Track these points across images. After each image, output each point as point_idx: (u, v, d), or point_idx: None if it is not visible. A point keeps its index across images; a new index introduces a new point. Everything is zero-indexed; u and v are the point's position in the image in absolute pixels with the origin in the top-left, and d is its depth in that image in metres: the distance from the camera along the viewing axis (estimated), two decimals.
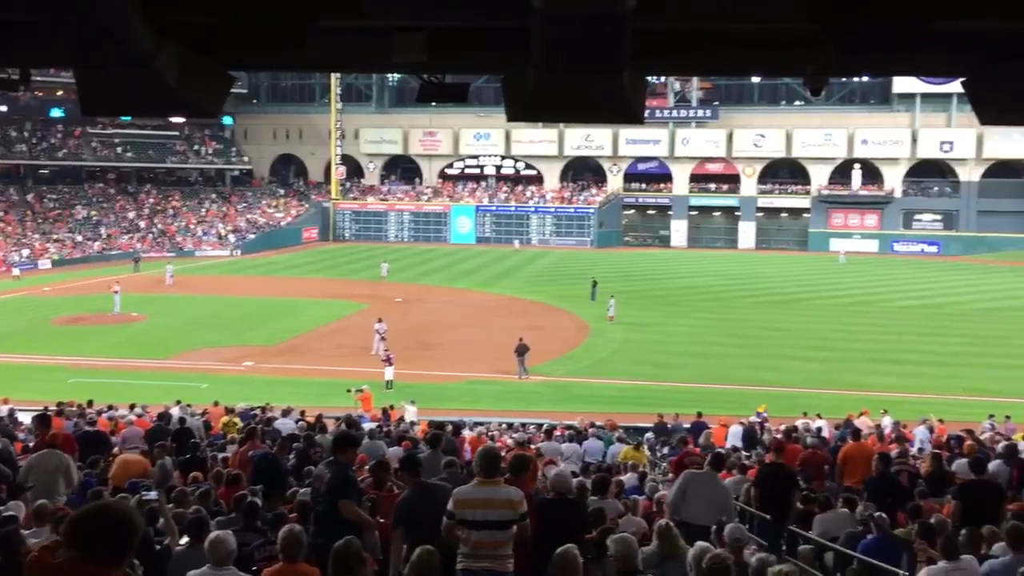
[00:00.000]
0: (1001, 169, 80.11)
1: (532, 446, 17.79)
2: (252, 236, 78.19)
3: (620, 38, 7.39)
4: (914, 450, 16.41)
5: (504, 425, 23.27)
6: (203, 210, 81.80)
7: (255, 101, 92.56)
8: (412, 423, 22.01)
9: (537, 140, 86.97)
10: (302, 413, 21.38)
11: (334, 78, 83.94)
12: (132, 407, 21.58)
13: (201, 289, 52.90)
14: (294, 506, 9.14)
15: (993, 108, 8.75)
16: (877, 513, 8.37)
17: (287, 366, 33.85)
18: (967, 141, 78.32)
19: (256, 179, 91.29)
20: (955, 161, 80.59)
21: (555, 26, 7.08)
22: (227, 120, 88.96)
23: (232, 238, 77.24)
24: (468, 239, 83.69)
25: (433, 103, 10.25)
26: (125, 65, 5.35)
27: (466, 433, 19.31)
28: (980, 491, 9.02)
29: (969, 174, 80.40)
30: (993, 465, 11.71)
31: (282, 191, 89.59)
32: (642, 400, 28.49)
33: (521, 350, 32.42)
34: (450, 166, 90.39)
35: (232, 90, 7.79)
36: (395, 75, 79.09)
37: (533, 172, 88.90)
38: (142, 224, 76.47)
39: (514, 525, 6.81)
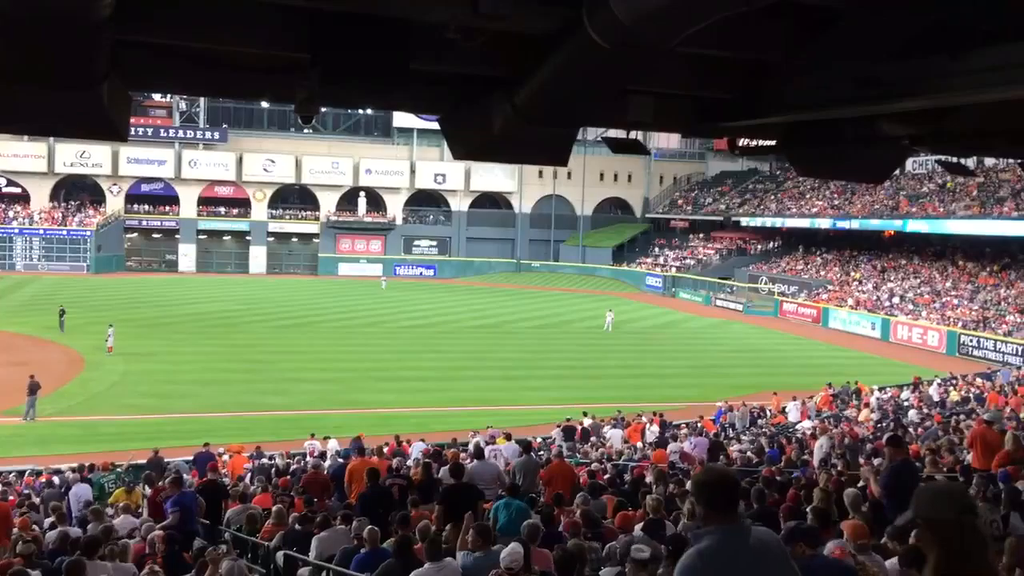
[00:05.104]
0: (485, 200, 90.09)
1: (11, 497, 15.88)
2: None
3: (92, 47, 6.87)
4: (409, 462, 17.50)
5: None
6: None
7: None
8: None
9: (22, 154, 77.97)
10: None
11: None
12: None
13: None
14: None
15: (461, 145, 9.74)
16: (368, 528, 8.69)
17: None
18: (457, 174, 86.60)
19: None
20: (448, 192, 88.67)
21: (17, 28, 6.36)
22: None
23: None
24: None
25: None
26: None
27: None
28: (459, 493, 9.90)
29: (459, 204, 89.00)
30: (476, 466, 12.85)
31: None
32: (143, 435, 26.54)
33: (33, 388, 28.79)
34: None
35: None
36: None
37: (17, 190, 79.50)
38: None
39: None
